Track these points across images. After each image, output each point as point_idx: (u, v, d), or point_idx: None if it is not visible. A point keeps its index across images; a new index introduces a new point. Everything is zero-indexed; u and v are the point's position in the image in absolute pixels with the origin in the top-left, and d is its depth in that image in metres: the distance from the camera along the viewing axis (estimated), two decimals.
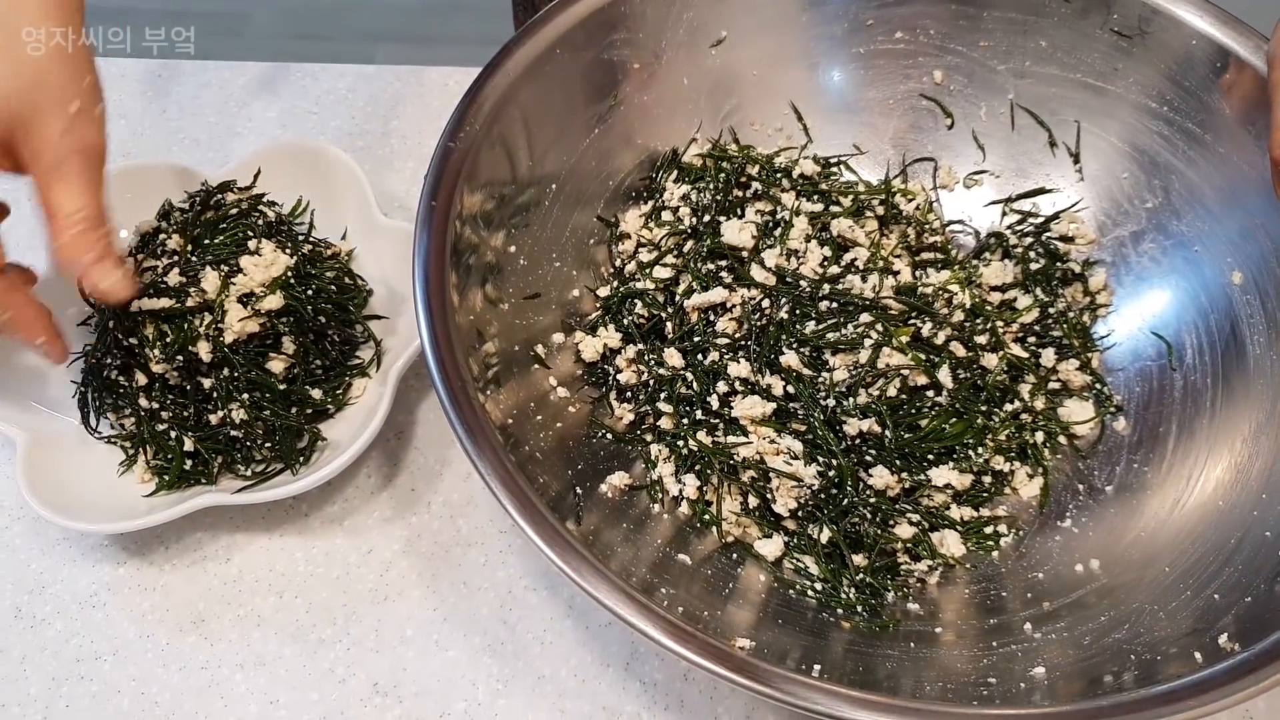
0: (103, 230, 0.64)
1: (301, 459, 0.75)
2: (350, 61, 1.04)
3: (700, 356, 0.72)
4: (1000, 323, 0.75)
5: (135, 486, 0.74)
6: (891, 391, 0.68)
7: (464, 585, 0.73)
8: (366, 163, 0.94)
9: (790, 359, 0.68)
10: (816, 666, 0.56)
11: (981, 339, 0.73)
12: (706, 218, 0.77)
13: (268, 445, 0.74)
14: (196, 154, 0.97)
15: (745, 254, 0.74)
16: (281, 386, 0.74)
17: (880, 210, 0.78)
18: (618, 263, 0.79)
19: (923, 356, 0.69)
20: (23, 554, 0.75)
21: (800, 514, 0.68)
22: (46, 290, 0.74)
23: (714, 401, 0.70)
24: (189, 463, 0.73)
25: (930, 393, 0.69)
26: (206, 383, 0.72)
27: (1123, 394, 0.76)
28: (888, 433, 0.67)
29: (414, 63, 1.04)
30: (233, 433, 0.73)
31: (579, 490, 0.66)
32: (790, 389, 0.69)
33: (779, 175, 0.79)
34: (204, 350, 0.71)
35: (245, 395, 0.72)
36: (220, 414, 0.72)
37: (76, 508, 0.70)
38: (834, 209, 0.77)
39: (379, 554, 0.75)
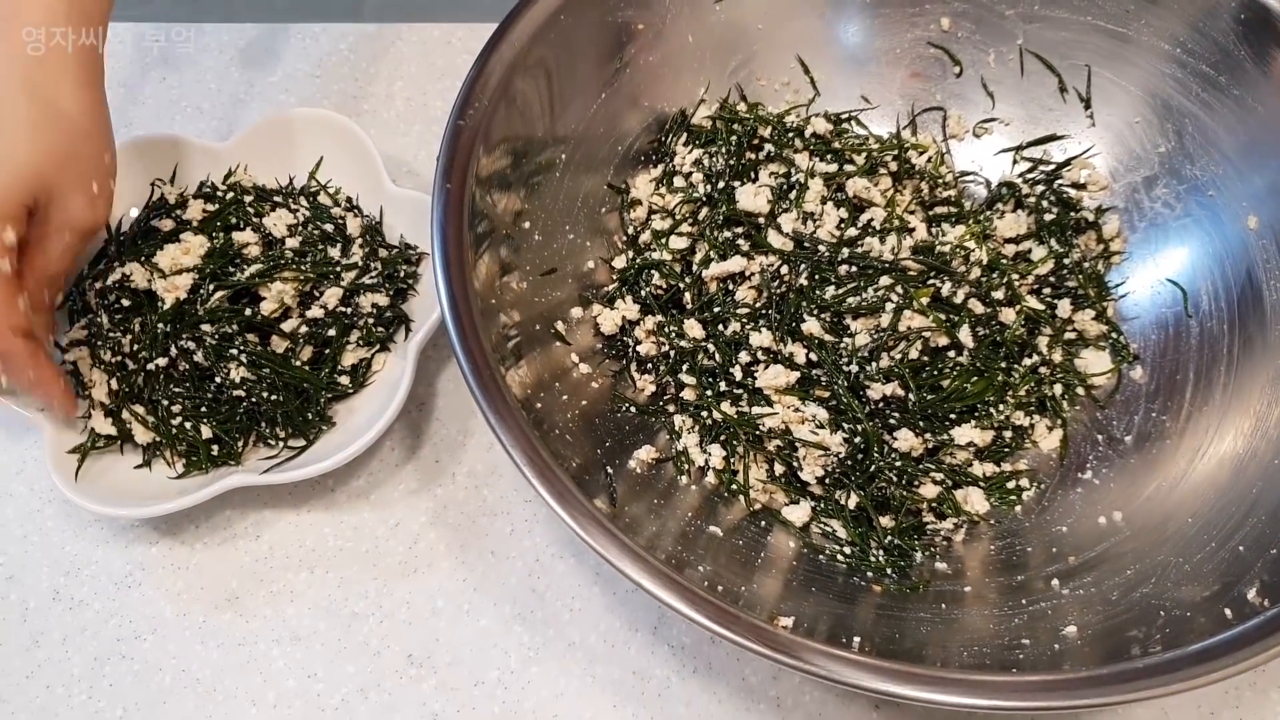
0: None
1: (322, 427, 0.73)
2: (336, 19, 1.01)
3: (721, 327, 0.70)
4: (1016, 276, 0.73)
5: (163, 469, 0.72)
6: (913, 354, 0.66)
7: (492, 555, 0.72)
8: (372, 127, 0.91)
9: (811, 326, 0.66)
10: (856, 638, 0.55)
11: (998, 294, 0.71)
12: (720, 184, 0.74)
13: (283, 415, 0.72)
14: (200, 123, 0.94)
15: (761, 219, 0.72)
16: (298, 363, 0.72)
17: (893, 166, 0.76)
18: (630, 230, 0.76)
19: (943, 317, 0.67)
20: (56, 536, 0.74)
21: (827, 480, 0.66)
22: None
23: (737, 372, 0.68)
24: (215, 448, 0.71)
25: (951, 352, 0.68)
26: (198, 355, 0.70)
27: (1139, 342, 0.74)
28: (911, 395, 0.66)
29: (403, 14, 1.00)
30: (236, 393, 0.71)
31: (609, 470, 0.64)
32: (813, 356, 0.67)
33: (791, 135, 0.77)
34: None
35: (239, 353, 0.70)
36: (220, 378, 0.70)
37: (107, 492, 0.69)
38: (848, 168, 0.74)
39: (406, 526, 0.73)
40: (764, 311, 0.69)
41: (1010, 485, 0.69)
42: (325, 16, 1.01)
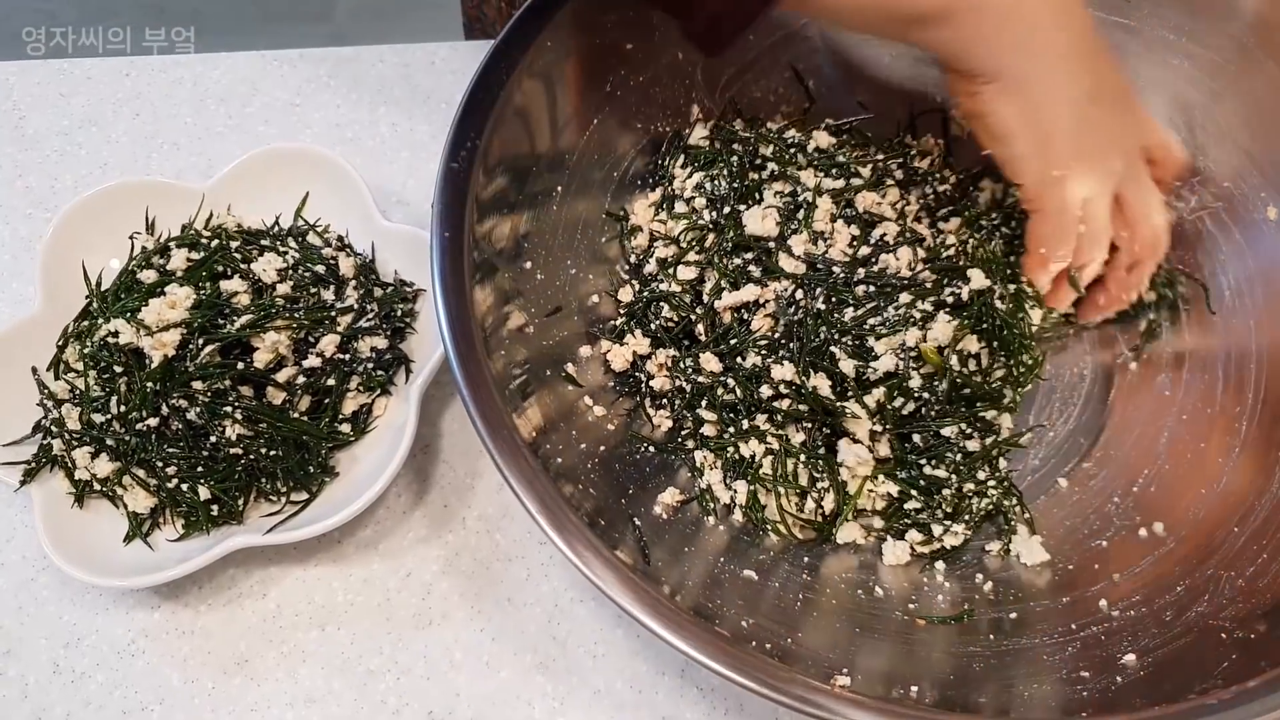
0: None
1: (325, 479, 0.68)
2: (309, 44, 0.94)
3: (739, 360, 0.64)
4: None
5: (162, 532, 0.67)
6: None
7: (508, 602, 0.67)
8: (356, 156, 0.85)
9: (845, 366, 0.61)
10: (914, 687, 0.50)
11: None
12: (726, 209, 0.68)
13: (283, 470, 0.66)
14: (177, 160, 0.87)
15: (771, 244, 0.66)
16: (297, 416, 0.67)
17: (899, 175, 0.70)
18: (633, 259, 0.71)
19: (967, 321, 0.62)
20: (52, 606, 0.68)
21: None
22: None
23: (760, 421, 0.63)
24: (215, 509, 0.66)
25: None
26: (192, 413, 0.64)
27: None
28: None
29: (377, 34, 0.94)
30: (233, 451, 0.65)
31: (637, 521, 0.59)
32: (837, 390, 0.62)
33: (794, 151, 0.71)
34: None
35: (233, 409, 0.65)
36: (214, 437, 0.65)
37: (103, 561, 0.64)
38: (855, 182, 0.69)
39: (418, 576, 0.68)
40: (782, 342, 0.63)
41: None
42: (298, 42, 0.94)
